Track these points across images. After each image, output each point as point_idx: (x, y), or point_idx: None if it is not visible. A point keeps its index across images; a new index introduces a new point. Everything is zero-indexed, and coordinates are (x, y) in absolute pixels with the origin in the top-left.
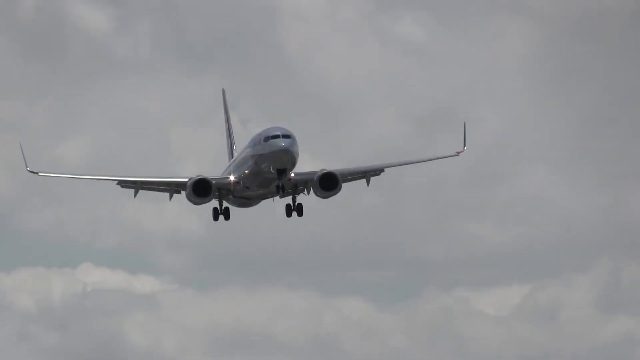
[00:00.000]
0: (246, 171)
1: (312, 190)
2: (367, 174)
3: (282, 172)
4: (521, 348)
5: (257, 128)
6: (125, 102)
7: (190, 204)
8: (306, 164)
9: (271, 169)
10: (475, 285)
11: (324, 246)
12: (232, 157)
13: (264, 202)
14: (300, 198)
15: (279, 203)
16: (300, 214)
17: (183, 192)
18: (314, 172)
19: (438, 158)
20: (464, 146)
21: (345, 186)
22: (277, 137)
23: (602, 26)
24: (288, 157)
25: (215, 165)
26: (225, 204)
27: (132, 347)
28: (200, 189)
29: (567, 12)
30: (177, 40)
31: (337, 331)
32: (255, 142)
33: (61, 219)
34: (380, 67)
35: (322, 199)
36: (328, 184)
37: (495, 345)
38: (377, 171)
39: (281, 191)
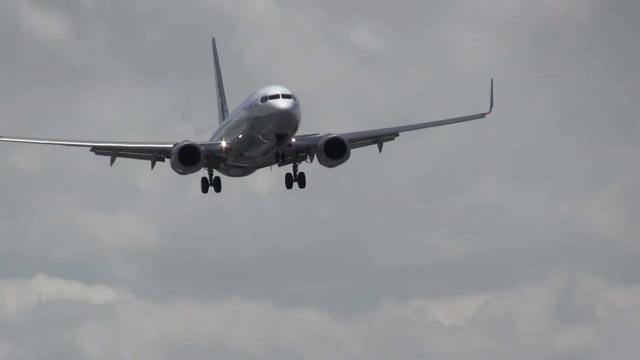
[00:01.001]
0: (240, 136)
1: (315, 158)
2: (379, 139)
3: (282, 137)
4: (477, 359)
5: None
6: (82, 110)
7: (176, 174)
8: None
9: (269, 134)
10: (431, 296)
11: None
12: (224, 119)
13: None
14: (302, 167)
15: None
16: (302, 184)
17: (167, 160)
18: (318, 137)
19: (463, 119)
20: (491, 107)
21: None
22: (276, 97)
23: (558, 34)
24: (289, 121)
25: (204, 129)
26: (215, 173)
27: (87, 358)
28: (188, 156)
29: (523, 21)
30: (133, 49)
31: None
32: (250, 103)
33: (14, 228)
34: (335, 75)
35: (327, 168)
36: (334, 150)
37: (451, 356)
38: (391, 135)
39: (280, 159)
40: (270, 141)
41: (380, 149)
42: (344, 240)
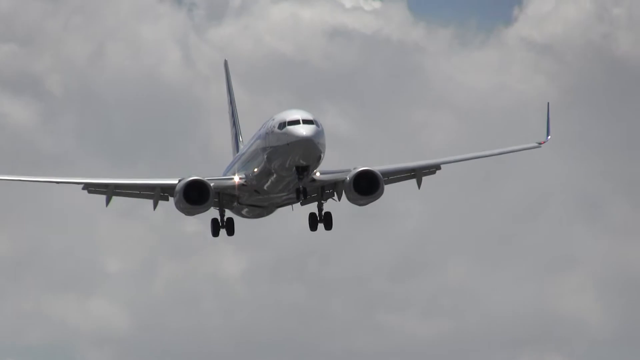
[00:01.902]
0: (255, 169)
1: (343, 195)
2: (417, 172)
3: (304, 170)
4: None
5: None
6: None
7: (182, 214)
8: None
9: (289, 167)
10: None
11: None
12: (237, 152)
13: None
14: (328, 205)
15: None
16: (328, 226)
17: (172, 200)
18: (347, 171)
19: (516, 150)
20: (547, 135)
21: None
22: (296, 122)
23: (527, 118)
24: (311, 150)
25: (216, 163)
26: (228, 213)
27: None
28: (195, 194)
29: (484, 107)
30: (101, 135)
31: None
32: (267, 131)
33: None
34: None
35: (357, 206)
36: (366, 185)
37: None
38: (432, 169)
39: (302, 196)
40: (290, 175)
41: (419, 184)
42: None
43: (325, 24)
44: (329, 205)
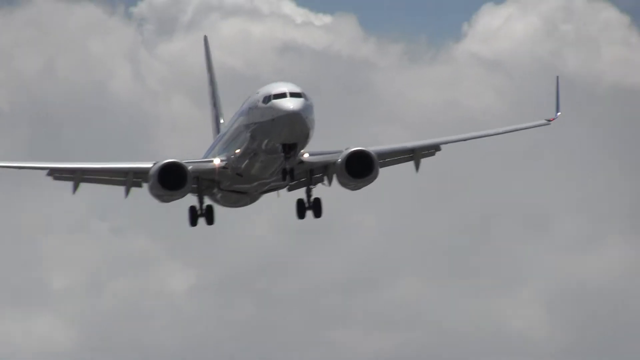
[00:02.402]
0: (238, 150)
1: (334, 179)
2: (415, 154)
3: (291, 148)
4: None
5: None
6: None
7: (157, 201)
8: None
9: (274, 145)
10: None
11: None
12: (218, 134)
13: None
14: (318, 190)
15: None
16: (317, 213)
17: (145, 186)
18: (338, 152)
19: (525, 128)
20: (557, 111)
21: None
22: (282, 95)
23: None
24: (299, 126)
25: (195, 148)
26: (207, 200)
27: None
28: (171, 177)
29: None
30: (50, 150)
31: None
32: (251, 106)
33: None
34: None
35: (349, 190)
36: (359, 167)
37: None
38: (431, 149)
39: (289, 178)
40: (275, 154)
41: (417, 166)
42: None
43: (275, 39)
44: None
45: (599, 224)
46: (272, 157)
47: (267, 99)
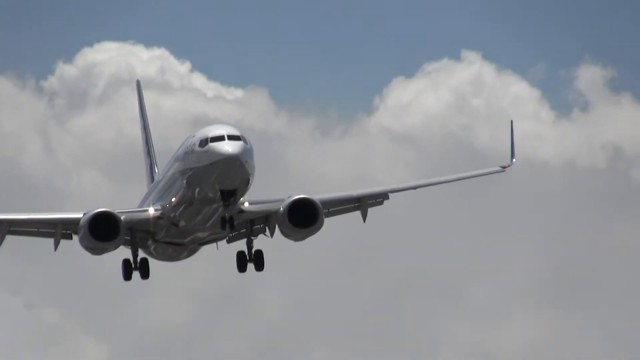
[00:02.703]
0: (173, 199)
1: (277, 229)
2: (362, 202)
3: (230, 195)
4: None
5: None
6: None
7: (87, 254)
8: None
9: (212, 192)
10: None
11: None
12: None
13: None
14: (259, 242)
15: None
16: (259, 266)
17: (75, 238)
18: (280, 200)
19: (479, 175)
20: (512, 158)
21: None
22: (220, 138)
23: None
24: (238, 170)
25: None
26: (141, 254)
27: None
28: (102, 228)
29: None
30: None
31: None
32: (186, 150)
33: None
34: None
35: (293, 241)
36: (302, 216)
37: None
38: (379, 198)
39: (229, 228)
40: (214, 202)
41: (364, 216)
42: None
43: (186, 112)
44: (258, 242)
45: (509, 297)
46: (210, 205)
47: (204, 142)
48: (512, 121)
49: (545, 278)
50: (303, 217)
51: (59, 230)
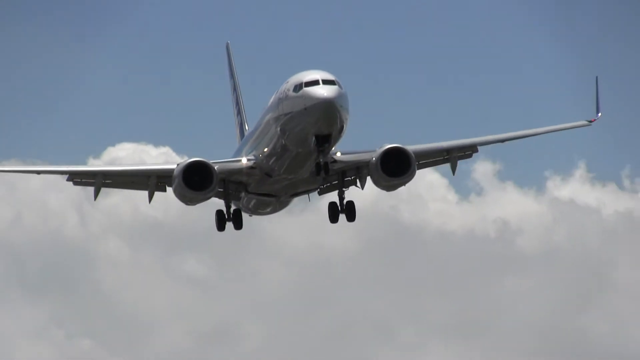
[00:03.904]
0: (266, 149)
1: (367, 180)
2: (451, 155)
3: (325, 140)
4: None
5: None
6: None
7: (182, 204)
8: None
9: (307, 137)
10: None
11: None
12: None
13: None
14: (350, 194)
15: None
16: (351, 216)
17: (169, 190)
18: (371, 151)
19: (565, 128)
20: (598, 112)
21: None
22: (314, 83)
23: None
24: (334, 114)
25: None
26: (234, 205)
27: None
28: (196, 177)
29: None
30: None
31: None
32: (280, 96)
33: None
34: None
35: (385, 191)
36: (394, 165)
37: None
38: (468, 151)
39: (323, 172)
40: (308, 147)
41: (453, 169)
42: None
43: None
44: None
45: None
46: (304, 151)
47: (298, 87)
48: (597, 77)
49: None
50: (395, 166)
51: (152, 182)
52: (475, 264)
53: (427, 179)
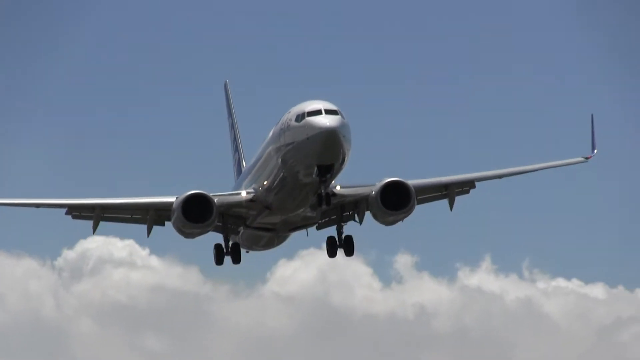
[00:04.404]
0: (266, 181)
1: (365, 217)
2: (449, 190)
3: (327, 171)
4: None
5: None
6: None
7: (181, 237)
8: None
9: (309, 167)
10: None
11: None
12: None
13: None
14: (349, 228)
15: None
16: (349, 251)
17: (168, 224)
18: (371, 185)
19: (562, 165)
20: (594, 148)
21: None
22: (317, 112)
23: None
24: (336, 144)
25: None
26: (233, 239)
27: None
28: (195, 210)
29: None
30: None
31: None
32: (282, 128)
33: None
34: None
35: (383, 226)
36: (394, 199)
37: None
38: (465, 187)
39: (325, 203)
40: (309, 178)
41: (451, 205)
42: None
43: (146, 282)
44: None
45: None
46: (304, 183)
47: (301, 116)
48: (592, 115)
49: None
50: (395, 200)
51: (151, 215)
52: (396, 341)
53: (353, 268)
